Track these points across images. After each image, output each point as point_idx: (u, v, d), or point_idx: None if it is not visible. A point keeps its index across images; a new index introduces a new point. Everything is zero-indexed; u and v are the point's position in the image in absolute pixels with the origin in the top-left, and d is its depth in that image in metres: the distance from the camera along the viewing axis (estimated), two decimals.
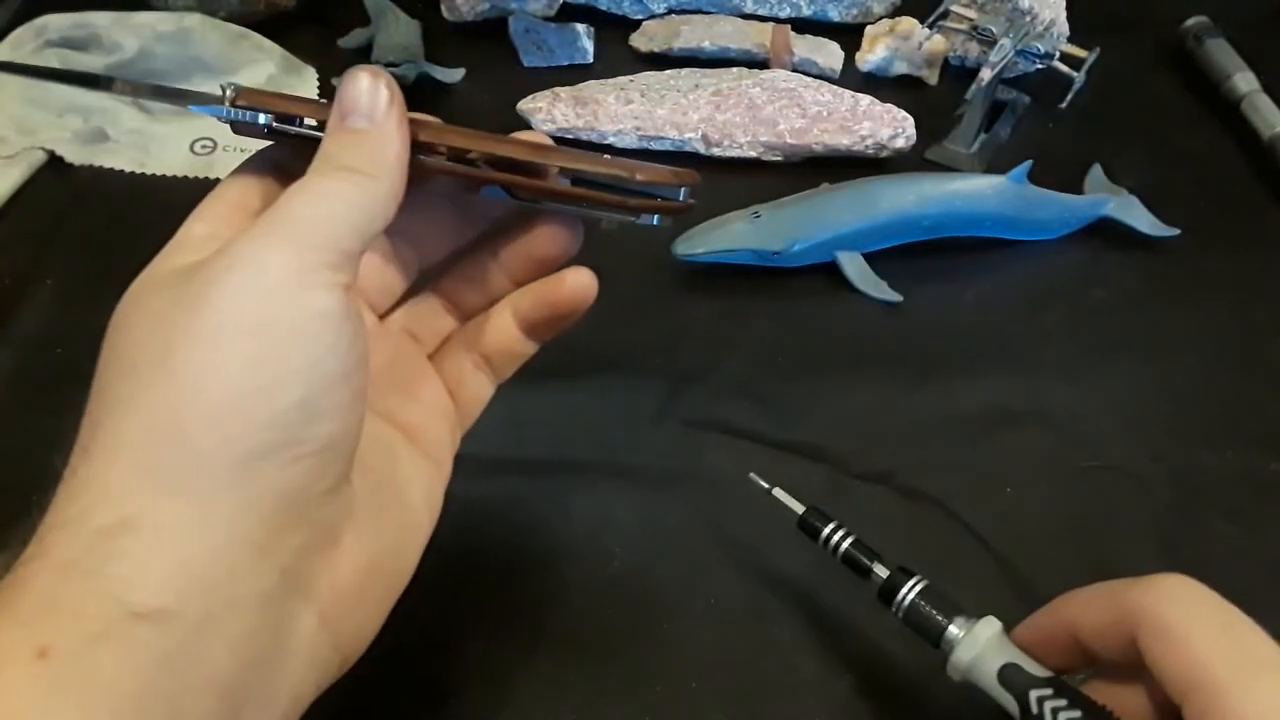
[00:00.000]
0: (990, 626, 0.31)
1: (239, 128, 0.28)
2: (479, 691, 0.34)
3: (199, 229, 0.27)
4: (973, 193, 0.49)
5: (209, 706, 0.22)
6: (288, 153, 0.28)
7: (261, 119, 0.28)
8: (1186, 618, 0.26)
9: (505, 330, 0.32)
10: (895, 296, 0.47)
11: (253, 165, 0.29)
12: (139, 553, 0.22)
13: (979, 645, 0.30)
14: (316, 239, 0.25)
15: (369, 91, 0.27)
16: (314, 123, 0.28)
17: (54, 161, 0.52)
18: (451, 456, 0.31)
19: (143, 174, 0.52)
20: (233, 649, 0.23)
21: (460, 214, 0.32)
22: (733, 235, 0.47)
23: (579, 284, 0.31)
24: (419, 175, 0.28)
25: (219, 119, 0.27)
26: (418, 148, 0.28)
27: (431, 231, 0.32)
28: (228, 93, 0.28)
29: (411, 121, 0.28)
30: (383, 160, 0.27)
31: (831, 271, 0.48)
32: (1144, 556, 0.38)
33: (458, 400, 0.32)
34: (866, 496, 0.40)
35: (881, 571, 0.33)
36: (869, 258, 0.48)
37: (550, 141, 0.30)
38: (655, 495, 0.40)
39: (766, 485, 0.35)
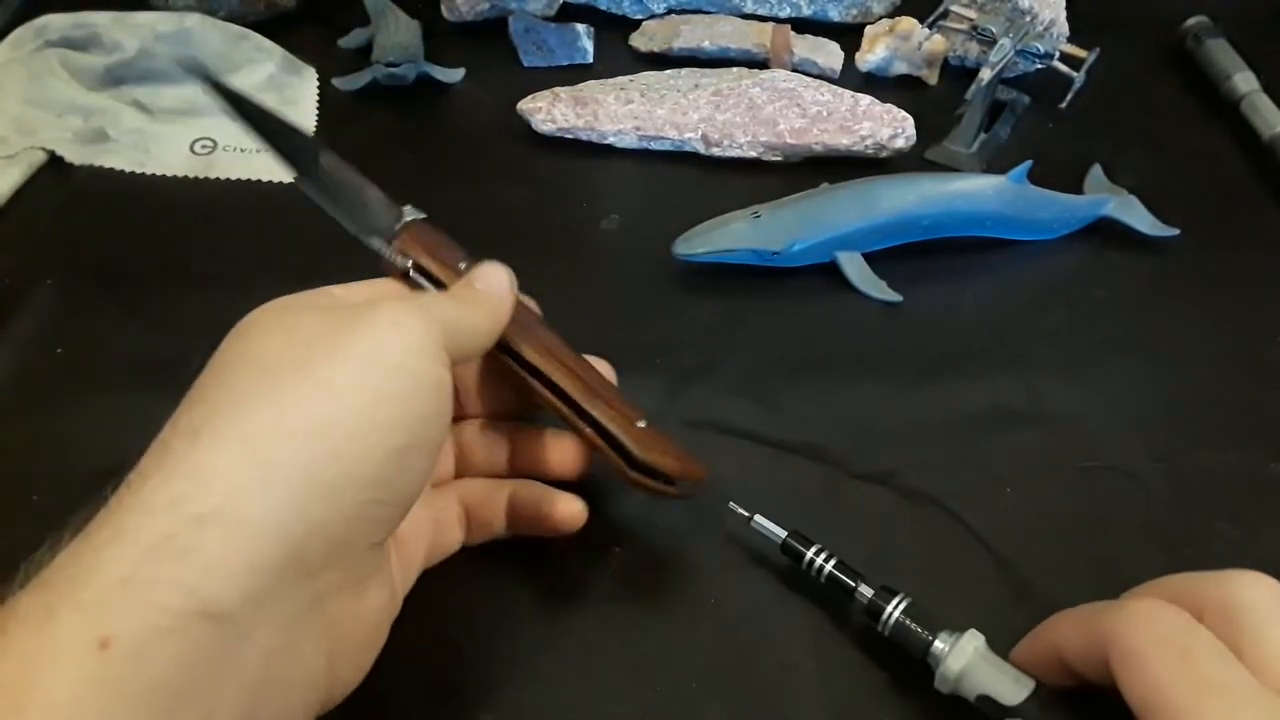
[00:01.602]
0: (973, 641, 0.31)
1: (388, 266, 0.33)
2: (479, 691, 0.34)
3: (341, 294, 0.30)
4: (973, 193, 0.49)
5: (237, 712, 0.23)
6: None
7: (407, 263, 0.33)
8: (1148, 642, 0.26)
9: (495, 508, 0.35)
10: (895, 296, 0.47)
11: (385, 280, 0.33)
12: (219, 546, 0.22)
13: (963, 660, 0.31)
14: (445, 325, 0.28)
15: (496, 271, 0.32)
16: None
17: (54, 161, 0.52)
18: (410, 582, 0.34)
19: (143, 174, 0.52)
20: (262, 660, 0.23)
21: (507, 390, 0.36)
22: (733, 235, 0.47)
23: (569, 514, 0.35)
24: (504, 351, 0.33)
25: (379, 250, 0.33)
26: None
27: (484, 392, 0.36)
28: (396, 230, 0.33)
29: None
30: (493, 310, 0.31)
31: (831, 271, 0.48)
32: (1144, 556, 0.38)
33: (433, 537, 0.35)
34: (866, 496, 0.40)
35: (866, 592, 0.33)
36: (869, 258, 0.48)
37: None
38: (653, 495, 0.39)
39: (746, 514, 0.36)
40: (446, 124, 0.57)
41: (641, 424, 0.34)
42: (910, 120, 0.54)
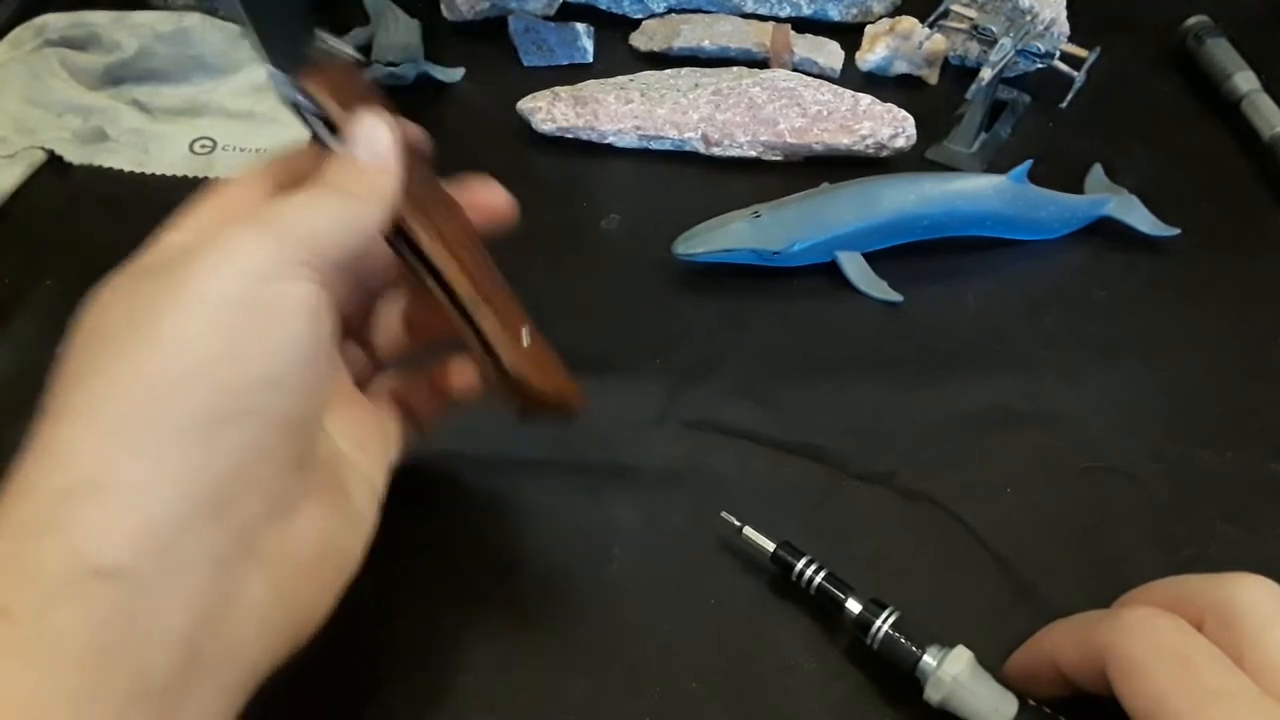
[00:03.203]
0: (958, 661, 0.31)
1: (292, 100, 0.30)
2: (478, 691, 0.34)
3: (176, 238, 0.28)
4: (973, 192, 0.49)
5: (169, 659, 0.23)
6: (269, 175, 0.30)
7: (314, 124, 0.30)
8: (1146, 651, 0.26)
9: (420, 388, 0.34)
10: (895, 296, 0.47)
11: (235, 182, 0.30)
12: (101, 511, 0.22)
13: (948, 680, 0.31)
14: (299, 236, 0.26)
15: (375, 125, 0.29)
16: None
17: (53, 161, 0.52)
18: (385, 482, 0.32)
19: (142, 173, 0.52)
20: (188, 605, 0.23)
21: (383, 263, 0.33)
22: (733, 235, 0.47)
23: (465, 383, 0.34)
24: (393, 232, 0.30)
25: (281, 90, 0.30)
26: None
27: (369, 281, 0.34)
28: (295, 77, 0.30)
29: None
30: (378, 188, 0.29)
31: (831, 271, 0.48)
32: (1144, 557, 0.38)
33: (384, 432, 0.34)
34: (866, 497, 0.40)
35: (854, 606, 0.33)
36: (869, 258, 0.48)
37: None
38: (655, 495, 0.40)
39: (738, 524, 0.36)
40: (446, 123, 0.57)
41: (526, 338, 0.32)
42: (911, 120, 0.54)
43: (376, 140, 0.29)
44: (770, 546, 0.36)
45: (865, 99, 0.54)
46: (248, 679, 0.26)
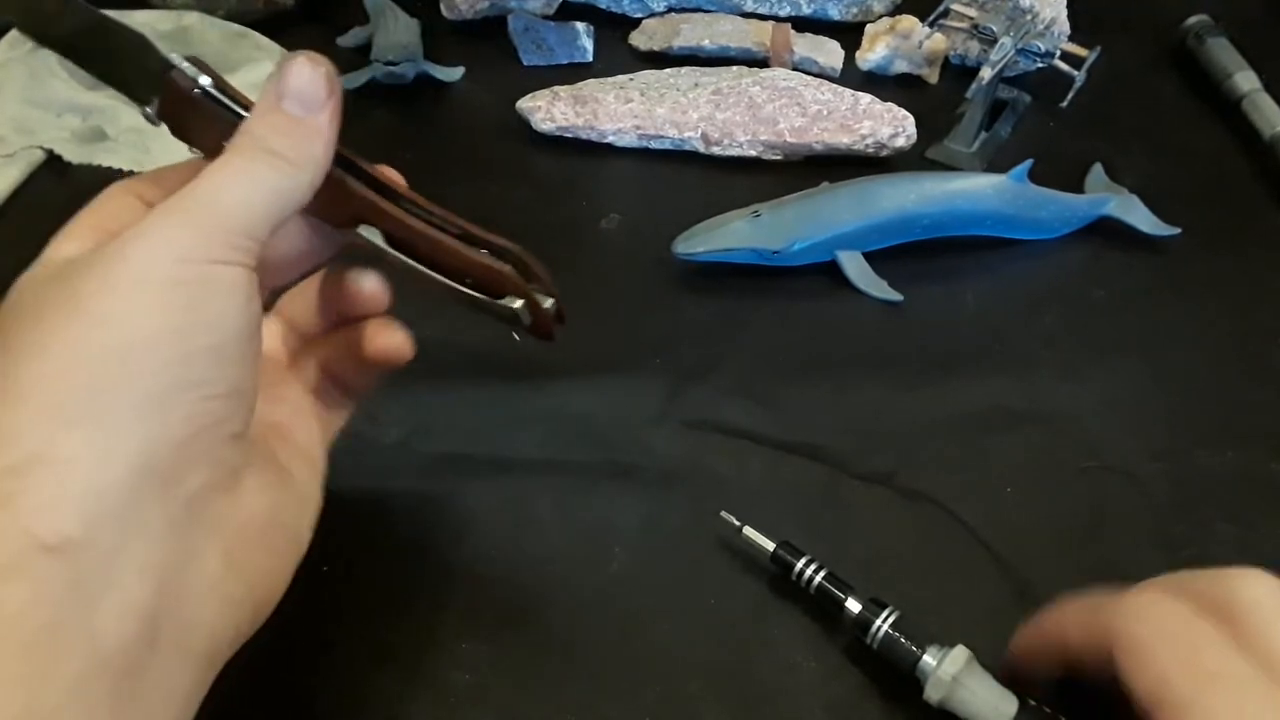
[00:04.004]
0: (958, 660, 0.31)
1: (173, 86, 0.27)
2: (478, 690, 0.34)
3: (69, 248, 0.27)
4: (973, 192, 0.49)
5: (126, 631, 0.23)
6: (159, 183, 0.29)
7: (204, 80, 0.27)
8: (1153, 635, 0.27)
9: (345, 357, 0.33)
10: (895, 296, 0.47)
11: (124, 187, 0.29)
12: (46, 486, 0.22)
13: (947, 680, 0.31)
14: (230, 221, 0.26)
15: (311, 80, 0.27)
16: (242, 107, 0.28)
17: (53, 161, 0.52)
18: (324, 456, 0.32)
19: (142, 173, 0.52)
20: (142, 575, 0.23)
21: (320, 241, 0.31)
22: (733, 234, 0.47)
23: (390, 346, 0.32)
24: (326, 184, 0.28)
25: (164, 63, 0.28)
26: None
27: (300, 249, 0.31)
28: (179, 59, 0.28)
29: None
30: (309, 152, 0.27)
31: (831, 271, 0.48)
32: (1144, 556, 0.38)
33: (318, 408, 0.33)
34: (866, 496, 0.40)
35: (854, 606, 0.33)
36: (869, 257, 0.48)
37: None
38: (655, 495, 0.39)
39: (737, 524, 0.36)
40: (446, 123, 0.57)
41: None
42: (911, 119, 0.54)
43: (308, 91, 0.27)
44: (770, 546, 0.36)
45: (865, 98, 0.54)
46: (210, 651, 0.26)
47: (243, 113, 0.28)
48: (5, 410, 0.23)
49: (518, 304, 0.31)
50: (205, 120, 0.28)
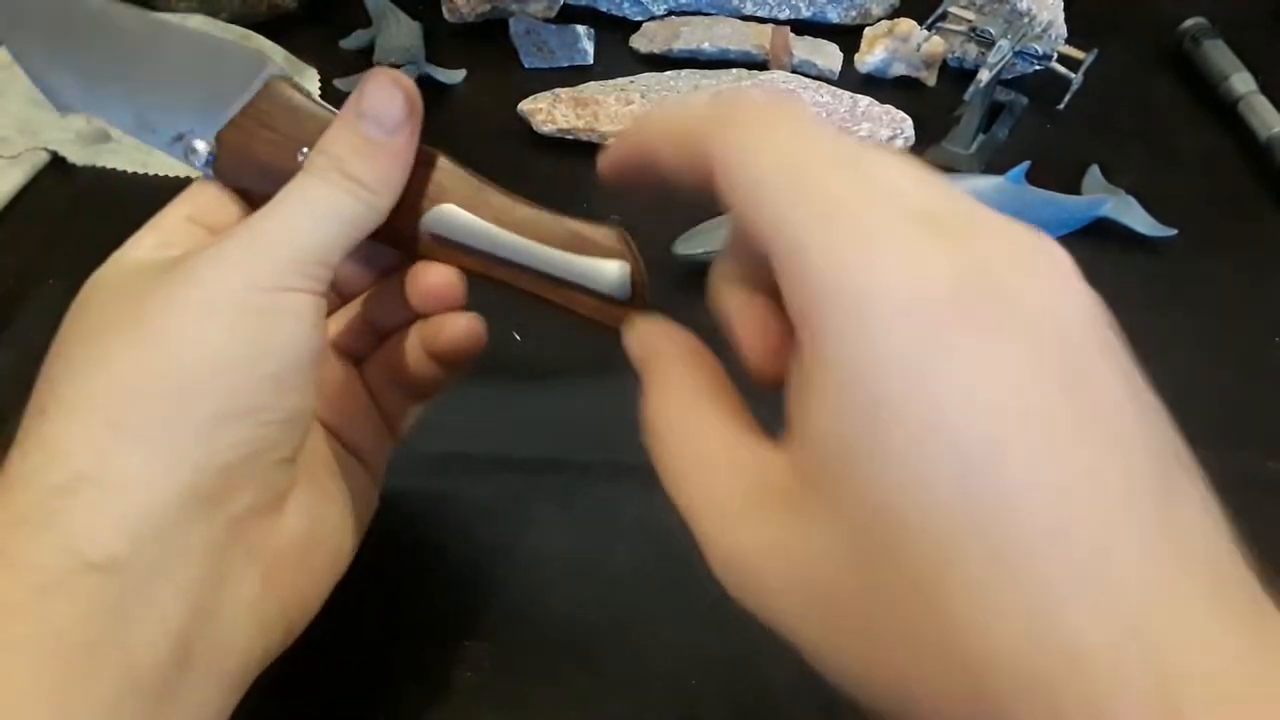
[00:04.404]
0: None
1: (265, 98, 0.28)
2: (478, 690, 0.34)
3: (150, 239, 0.28)
4: (971, 193, 0.49)
5: (160, 652, 0.23)
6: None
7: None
8: (761, 172, 0.21)
9: (417, 355, 0.32)
10: None
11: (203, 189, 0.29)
12: (96, 505, 0.22)
13: None
14: (303, 250, 0.25)
15: (390, 100, 0.26)
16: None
17: (56, 162, 0.53)
18: (383, 463, 0.32)
19: (145, 175, 0.53)
20: (180, 596, 0.23)
21: (387, 249, 0.31)
22: None
23: (461, 331, 0.31)
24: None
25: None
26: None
27: (368, 261, 0.32)
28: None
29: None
30: (387, 179, 0.27)
31: None
32: None
33: (382, 412, 0.33)
34: None
35: None
36: None
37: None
38: (655, 495, 0.39)
39: None
40: (447, 125, 0.57)
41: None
42: (909, 121, 0.54)
43: (387, 112, 0.26)
44: None
45: (864, 100, 0.54)
46: (241, 671, 0.26)
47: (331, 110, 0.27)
48: (55, 422, 0.23)
49: (615, 266, 0.29)
50: (271, 139, 0.27)
